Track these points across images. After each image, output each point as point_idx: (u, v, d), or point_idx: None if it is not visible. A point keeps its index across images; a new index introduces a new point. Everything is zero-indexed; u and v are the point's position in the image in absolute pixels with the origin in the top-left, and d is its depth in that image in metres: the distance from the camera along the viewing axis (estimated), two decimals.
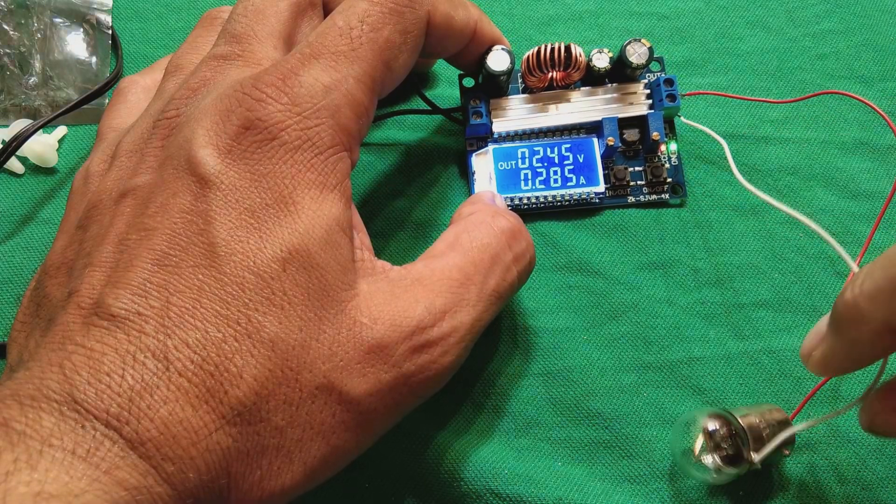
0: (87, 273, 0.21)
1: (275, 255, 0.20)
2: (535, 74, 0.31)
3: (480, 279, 0.24)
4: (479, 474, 0.27)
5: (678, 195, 0.32)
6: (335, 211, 0.22)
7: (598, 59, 0.31)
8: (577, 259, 0.31)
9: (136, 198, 0.22)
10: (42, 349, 0.19)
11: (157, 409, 0.18)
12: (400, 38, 0.24)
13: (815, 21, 0.36)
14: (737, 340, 0.30)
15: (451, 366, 0.23)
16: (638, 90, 0.32)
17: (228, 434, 0.19)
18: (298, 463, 0.20)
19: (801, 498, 0.28)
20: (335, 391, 0.21)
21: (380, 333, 0.21)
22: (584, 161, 0.32)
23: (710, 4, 0.36)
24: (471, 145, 0.32)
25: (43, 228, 0.32)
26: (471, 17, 0.28)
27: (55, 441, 0.17)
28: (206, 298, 0.19)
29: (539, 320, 0.30)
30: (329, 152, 0.22)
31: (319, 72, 0.22)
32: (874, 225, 0.29)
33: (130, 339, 0.19)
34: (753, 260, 0.31)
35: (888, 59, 0.35)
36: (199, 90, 0.23)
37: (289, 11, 0.25)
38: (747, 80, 0.35)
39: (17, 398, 0.17)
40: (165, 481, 0.18)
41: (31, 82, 0.34)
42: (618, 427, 0.29)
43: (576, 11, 0.36)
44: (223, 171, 0.21)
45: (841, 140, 0.34)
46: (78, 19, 0.35)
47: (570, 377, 0.29)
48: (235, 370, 0.19)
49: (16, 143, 0.30)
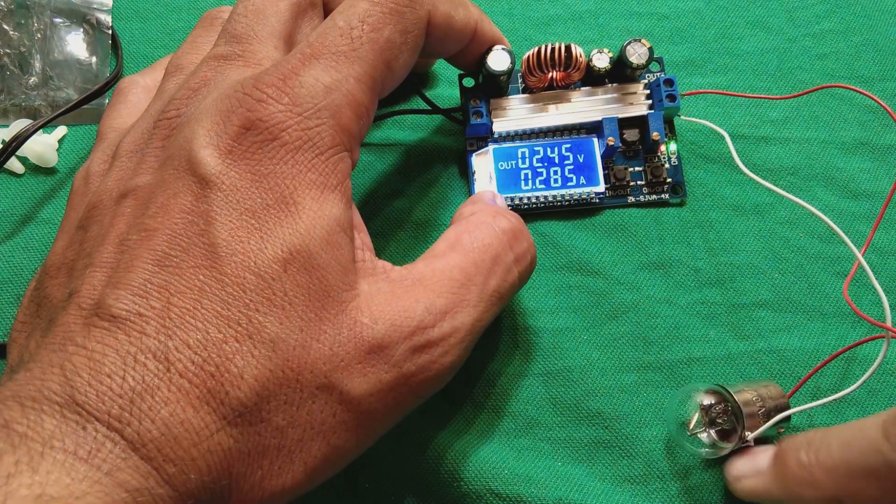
0: (87, 273, 0.21)
1: (276, 256, 0.20)
2: (535, 74, 0.31)
3: (481, 280, 0.24)
4: (479, 474, 0.27)
5: (678, 195, 0.32)
6: (336, 211, 0.22)
7: (598, 60, 0.31)
8: (577, 259, 0.31)
9: (137, 198, 0.22)
10: (43, 350, 0.19)
11: (158, 410, 0.18)
12: (400, 38, 0.24)
13: (815, 21, 0.36)
14: (737, 340, 0.30)
15: (451, 366, 0.23)
16: (638, 90, 0.32)
17: (229, 435, 0.19)
18: (299, 463, 0.20)
19: None
20: (336, 391, 0.21)
21: (380, 333, 0.21)
22: (585, 161, 0.32)
23: (710, 4, 0.36)
24: (471, 145, 0.32)
25: (43, 228, 0.32)
26: (471, 17, 0.28)
27: (56, 443, 0.17)
28: (207, 299, 0.19)
29: (539, 320, 0.30)
30: (330, 152, 0.22)
31: (320, 72, 0.22)
32: (874, 224, 0.29)
33: (131, 340, 0.19)
34: (754, 260, 0.31)
35: (888, 59, 0.35)
36: (200, 90, 0.23)
37: (289, 11, 0.25)
38: (747, 80, 0.35)
39: (19, 399, 0.17)
40: (167, 482, 0.18)
41: (31, 82, 0.34)
42: (618, 427, 0.29)
43: (576, 11, 0.36)
44: (224, 171, 0.21)
45: (841, 140, 0.34)
46: (78, 19, 0.35)
47: (571, 377, 0.29)
48: (236, 371, 0.19)
49: (16, 143, 0.30)
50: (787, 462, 0.24)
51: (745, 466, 0.26)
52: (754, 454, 0.26)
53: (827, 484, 0.23)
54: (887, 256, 0.31)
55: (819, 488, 0.23)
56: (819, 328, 0.30)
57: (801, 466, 0.23)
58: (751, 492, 0.26)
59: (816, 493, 0.23)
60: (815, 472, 0.23)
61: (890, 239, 0.32)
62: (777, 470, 0.25)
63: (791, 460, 0.24)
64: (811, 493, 0.23)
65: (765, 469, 0.25)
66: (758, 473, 0.26)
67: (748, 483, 0.26)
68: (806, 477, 0.23)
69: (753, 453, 0.26)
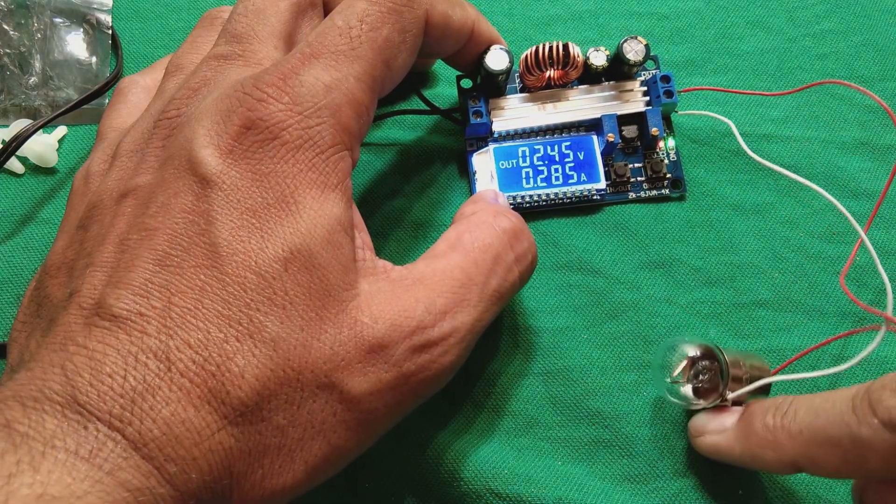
0: (88, 273, 0.21)
1: (276, 255, 0.20)
2: (533, 73, 0.31)
3: (482, 279, 0.24)
4: (479, 474, 0.27)
5: (678, 190, 0.32)
6: (337, 210, 0.22)
7: (595, 57, 0.31)
8: (577, 258, 0.31)
9: (137, 198, 0.22)
10: (43, 350, 0.19)
11: (159, 409, 0.18)
12: (399, 37, 0.24)
13: (815, 21, 0.36)
14: (737, 339, 0.30)
15: (451, 366, 0.23)
16: (634, 87, 0.32)
17: (231, 434, 0.19)
18: (300, 462, 0.20)
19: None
20: (336, 390, 0.21)
21: (380, 333, 0.21)
22: (585, 158, 0.32)
23: (710, 4, 0.36)
24: (471, 145, 0.32)
25: (43, 228, 0.32)
26: (468, 17, 0.28)
27: (58, 442, 0.17)
28: (208, 299, 0.19)
29: (539, 319, 0.30)
30: (330, 152, 0.22)
31: (320, 71, 0.22)
32: (867, 222, 0.29)
33: (132, 339, 0.19)
34: (754, 259, 0.31)
35: (888, 59, 0.35)
36: (200, 90, 0.23)
37: (289, 11, 0.25)
38: (747, 80, 0.35)
39: (20, 399, 0.17)
40: (168, 482, 0.18)
41: (31, 82, 0.34)
42: (618, 426, 0.29)
43: (576, 11, 0.36)
44: (224, 171, 0.21)
45: (841, 139, 0.34)
46: (78, 19, 0.35)
47: (571, 376, 0.29)
48: (237, 370, 0.19)
49: (16, 143, 0.30)
50: (753, 422, 0.24)
51: (710, 423, 0.26)
52: (721, 412, 0.26)
53: (788, 448, 0.23)
54: (888, 257, 0.31)
55: (780, 451, 0.23)
56: (819, 328, 0.30)
57: (766, 428, 0.24)
58: (712, 447, 0.26)
59: (776, 456, 0.23)
60: (779, 434, 0.23)
61: (890, 238, 0.32)
62: (742, 429, 0.25)
63: (757, 421, 0.24)
64: (772, 455, 0.24)
65: (730, 427, 0.26)
66: (723, 430, 0.26)
67: (711, 439, 0.26)
68: (769, 439, 0.24)
69: (721, 412, 0.26)
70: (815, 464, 0.23)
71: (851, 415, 0.21)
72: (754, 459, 0.24)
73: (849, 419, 0.21)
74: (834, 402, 0.22)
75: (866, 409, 0.21)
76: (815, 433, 0.22)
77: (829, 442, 0.22)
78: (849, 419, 0.21)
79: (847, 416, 0.21)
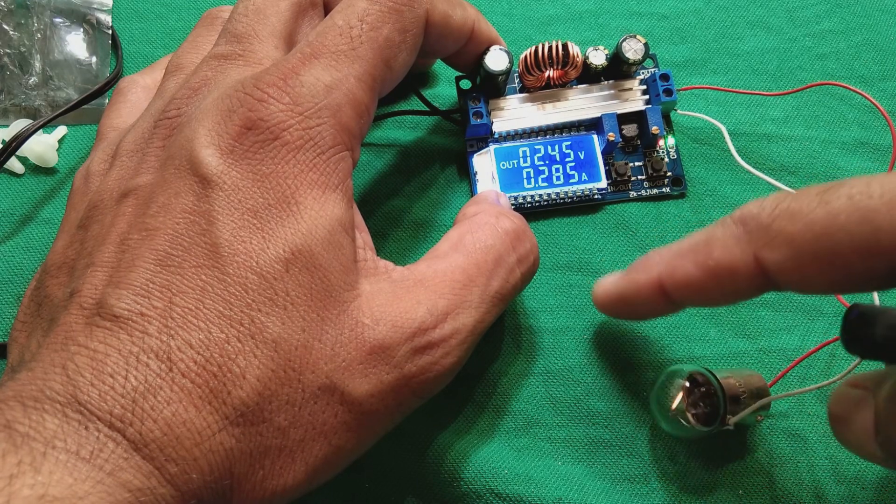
0: (88, 273, 0.21)
1: (278, 256, 0.20)
2: (532, 73, 0.31)
3: (483, 281, 0.24)
4: (479, 474, 0.27)
5: (679, 187, 0.32)
6: (337, 211, 0.22)
7: (595, 56, 0.31)
8: (578, 258, 0.31)
9: (138, 197, 0.22)
10: (44, 350, 0.19)
11: (160, 410, 0.18)
12: (399, 37, 0.24)
13: (815, 21, 0.36)
14: (738, 339, 0.30)
15: (452, 367, 0.23)
16: (633, 86, 0.32)
17: (231, 434, 0.19)
18: (300, 463, 0.20)
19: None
20: (337, 392, 0.21)
21: (382, 334, 0.21)
22: (585, 157, 0.32)
23: (710, 4, 0.36)
24: (471, 146, 0.32)
25: (43, 228, 0.32)
26: (468, 17, 0.28)
27: (59, 443, 0.17)
28: (209, 299, 0.19)
29: (540, 319, 0.30)
30: (331, 152, 0.22)
31: (320, 71, 0.22)
32: None
33: (133, 339, 0.19)
34: None
35: (888, 59, 0.35)
36: (200, 90, 0.23)
37: (289, 11, 0.25)
38: (747, 79, 0.35)
39: (20, 399, 0.17)
40: (169, 482, 0.18)
41: (31, 82, 0.34)
42: (618, 426, 0.29)
43: (576, 11, 0.36)
44: (225, 171, 0.21)
45: (841, 140, 0.34)
46: (78, 19, 0.35)
47: (571, 376, 0.29)
48: (238, 371, 0.19)
49: (16, 143, 0.30)
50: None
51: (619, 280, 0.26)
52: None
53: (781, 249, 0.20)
54: None
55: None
56: (819, 328, 0.30)
57: (755, 219, 0.21)
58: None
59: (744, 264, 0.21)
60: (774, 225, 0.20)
61: None
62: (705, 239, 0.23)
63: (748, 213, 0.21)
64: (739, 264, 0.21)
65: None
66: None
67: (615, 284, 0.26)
68: (759, 227, 0.21)
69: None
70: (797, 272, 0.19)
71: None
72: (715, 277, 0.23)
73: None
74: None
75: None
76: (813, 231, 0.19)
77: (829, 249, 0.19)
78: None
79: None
